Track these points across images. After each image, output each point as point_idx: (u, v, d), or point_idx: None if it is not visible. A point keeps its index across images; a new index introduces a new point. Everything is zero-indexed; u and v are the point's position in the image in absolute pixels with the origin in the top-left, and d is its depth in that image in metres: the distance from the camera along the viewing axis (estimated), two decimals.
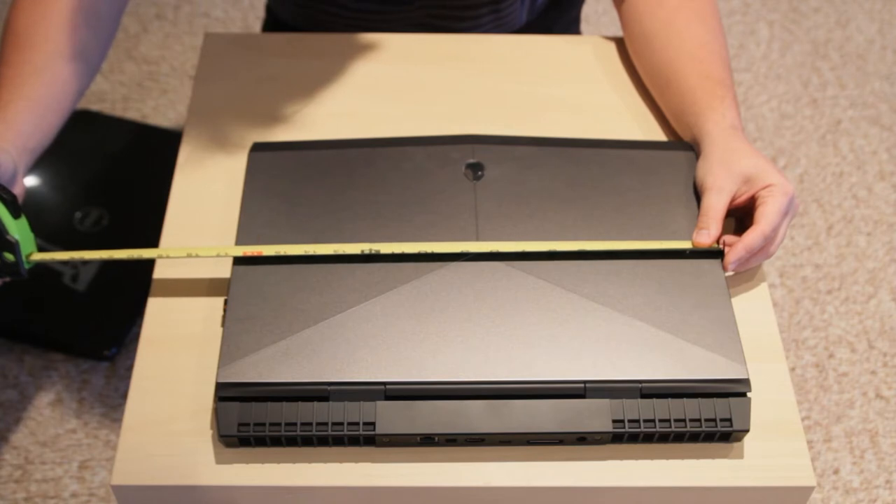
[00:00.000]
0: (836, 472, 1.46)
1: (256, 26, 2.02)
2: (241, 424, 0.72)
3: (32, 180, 1.64)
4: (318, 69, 1.00)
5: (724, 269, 0.80)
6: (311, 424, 0.72)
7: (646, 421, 0.73)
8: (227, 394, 0.73)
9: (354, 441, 0.73)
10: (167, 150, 1.18)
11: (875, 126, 1.89)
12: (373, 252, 0.79)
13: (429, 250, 0.79)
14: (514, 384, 0.73)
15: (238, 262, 0.79)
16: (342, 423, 0.72)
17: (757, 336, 0.81)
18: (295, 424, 0.72)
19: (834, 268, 1.68)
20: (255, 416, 0.72)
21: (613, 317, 0.76)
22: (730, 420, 0.73)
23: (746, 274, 0.85)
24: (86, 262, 1.58)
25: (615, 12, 1.03)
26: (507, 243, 0.80)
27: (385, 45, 1.03)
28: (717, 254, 0.81)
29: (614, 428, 0.73)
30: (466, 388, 0.73)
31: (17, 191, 0.81)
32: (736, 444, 0.75)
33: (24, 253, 0.79)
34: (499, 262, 0.79)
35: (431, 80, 1.00)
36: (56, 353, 1.52)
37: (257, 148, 0.88)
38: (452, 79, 1.00)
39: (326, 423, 0.72)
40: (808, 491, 0.74)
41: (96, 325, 1.53)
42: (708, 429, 0.73)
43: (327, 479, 0.73)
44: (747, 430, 0.73)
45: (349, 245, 0.79)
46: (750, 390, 0.74)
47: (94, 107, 1.85)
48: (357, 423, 0.72)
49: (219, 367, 0.73)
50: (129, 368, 1.48)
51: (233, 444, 0.74)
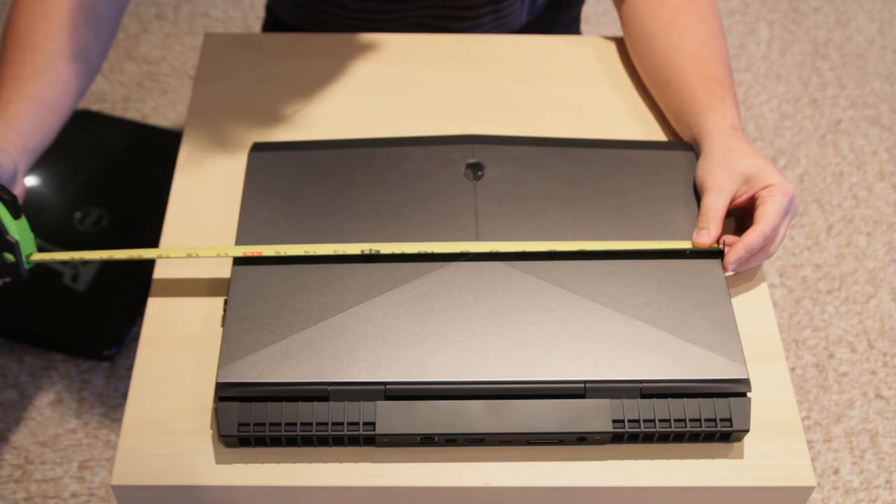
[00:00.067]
0: (836, 472, 1.46)
1: (256, 26, 2.02)
2: (241, 424, 0.72)
3: (32, 180, 1.64)
4: (318, 69, 1.00)
5: (724, 269, 0.80)
6: (311, 424, 0.72)
7: (646, 421, 0.73)
8: (227, 394, 0.73)
9: (354, 441, 0.73)
10: (167, 150, 1.18)
11: (875, 126, 1.89)
12: (373, 252, 0.79)
13: (429, 250, 0.79)
14: (514, 384, 0.73)
15: (238, 262, 0.79)
16: (342, 423, 0.72)
17: (757, 336, 0.81)
18: (295, 424, 0.72)
19: (834, 268, 1.68)
20: (255, 416, 0.72)
21: (613, 317, 0.76)
22: (730, 420, 0.73)
23: (746, 274, 0.85)
24: (86, 262, 1.58)
25: (615, 12, 1.03)
26: (507, 243, 0.80)
27: (385, 45, 1.03)
28: (717, 254, 0.81)
29: (614, 428, 0.73)
30: (466, 388, 0.73)
31: (17, 191, 0.81)
32: (736, 444, 0.75)
33: (24, 253, 0.79)
34: (499, 262, 0.79)
35: (431, 80, 0.99)
36: (56, 353, 1.52)
37: (257, 148, 0.88)
38: (452, 79, 1.00)
39: (326, 423, 0.72)
40: (808, 491, 0.74)
41: (96, 325, 1.53)
42: (708, 429, 0.73)
43: (327, 479, 0.73)
44: (747, 430, 0.73)
45: (349, 245, 0.79)
46: (750, 390, 0.74)
47: (94, 107, 1.85)
48: (357, 423, 0.72)
49: (219, 367, 0.73)
50: (129, 368, 1.48)
51: (233, 444, 0.74)
